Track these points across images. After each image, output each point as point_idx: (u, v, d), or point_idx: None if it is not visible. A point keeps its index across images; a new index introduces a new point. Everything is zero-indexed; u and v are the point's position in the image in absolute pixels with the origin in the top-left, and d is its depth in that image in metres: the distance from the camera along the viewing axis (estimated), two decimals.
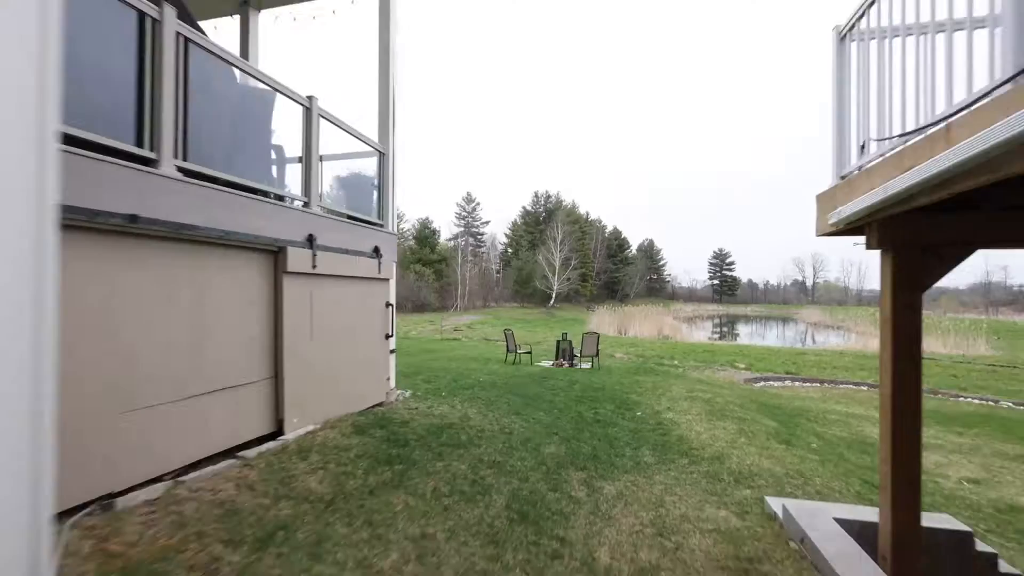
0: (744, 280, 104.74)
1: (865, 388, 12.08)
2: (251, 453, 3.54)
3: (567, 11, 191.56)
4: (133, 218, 2.76)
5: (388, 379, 5.84)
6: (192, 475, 3.11)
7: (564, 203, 72.83)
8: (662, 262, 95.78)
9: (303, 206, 4.48)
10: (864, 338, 30.83)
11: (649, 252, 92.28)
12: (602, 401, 7.72)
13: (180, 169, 3.19)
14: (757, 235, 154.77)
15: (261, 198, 3.86)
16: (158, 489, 2.84)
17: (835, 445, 6.38)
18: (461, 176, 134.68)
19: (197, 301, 3.34)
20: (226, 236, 3.47)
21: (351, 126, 5.16)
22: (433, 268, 56.77)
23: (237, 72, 3.89)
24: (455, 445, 4.45)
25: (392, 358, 6.02)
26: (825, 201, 3.52)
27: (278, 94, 4.32)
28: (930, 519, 3.60)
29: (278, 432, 4.05)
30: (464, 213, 73.61)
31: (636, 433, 5.94)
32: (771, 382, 12.93)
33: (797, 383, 12.82)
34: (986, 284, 72.89)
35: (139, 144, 2.93)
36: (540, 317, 46.75)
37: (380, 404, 5.64)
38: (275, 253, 4.06)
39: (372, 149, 5.82)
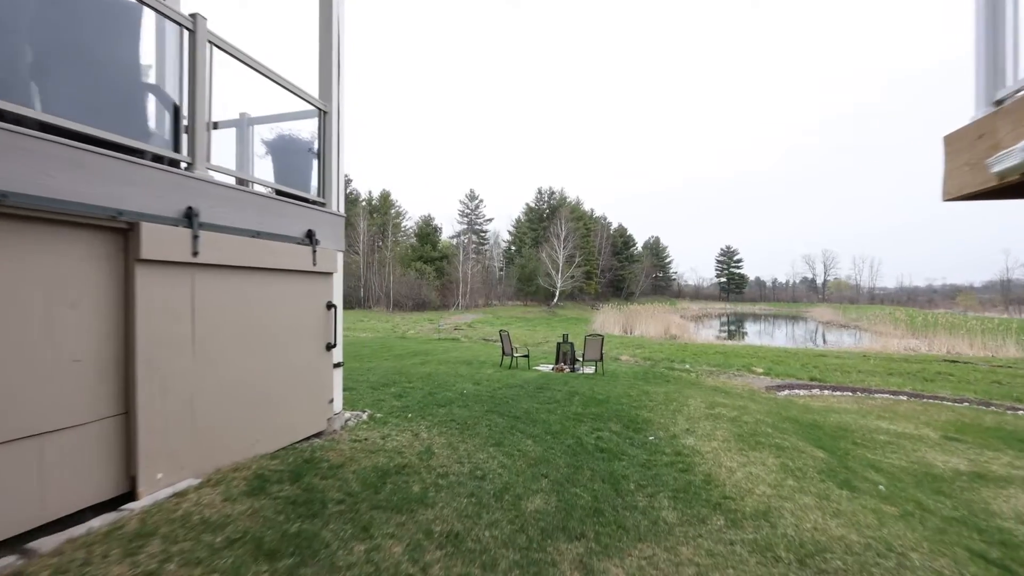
0: (751, 278, 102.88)
1: (904, 398, 10.68)
2: (49, 542, 2.25)
3: (570, 6, 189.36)
4: None
5: (331, 401, 4.54)
6: None
7: (568, 199, 71.44)
8: (668, 260, 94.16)
9: (185, 168, 3.18)
10: (883, 338, 29.35)
11: (655, 249, 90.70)
12: (606, 420, 6.41)
13: None
14: (763, 232, 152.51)
15: (94, 149, 2.56)
16: None
17: (903, 484, 5.03)
18: (465, 173, 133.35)
19: None
20: (2, 200, 2.18)
21: (267, 65, 3.85)
22: (434, 266, 55.58)
23: None
24: (397, 506, 3.14)
25: (338, 374, 4.72)
26: (967, 142, 2.18)
27: (146, 9, 3.02)
28: None
29: (129, 495, 2.76)
30: (467, 210, 72.42)
31: (649, 469, 4.62)
32: (796, 390, 11.56)
33: (826, 391, 11.44)
34: (1006, 282, 70.68)
35: None
36: (542, 316, 45.43)
37: (317, 435, 4.35)
38: (123, 232, 2.77)
39: (310, 106, 4.52)
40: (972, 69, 2.23)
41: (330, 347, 4.47)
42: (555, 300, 54.92)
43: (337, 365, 4.67)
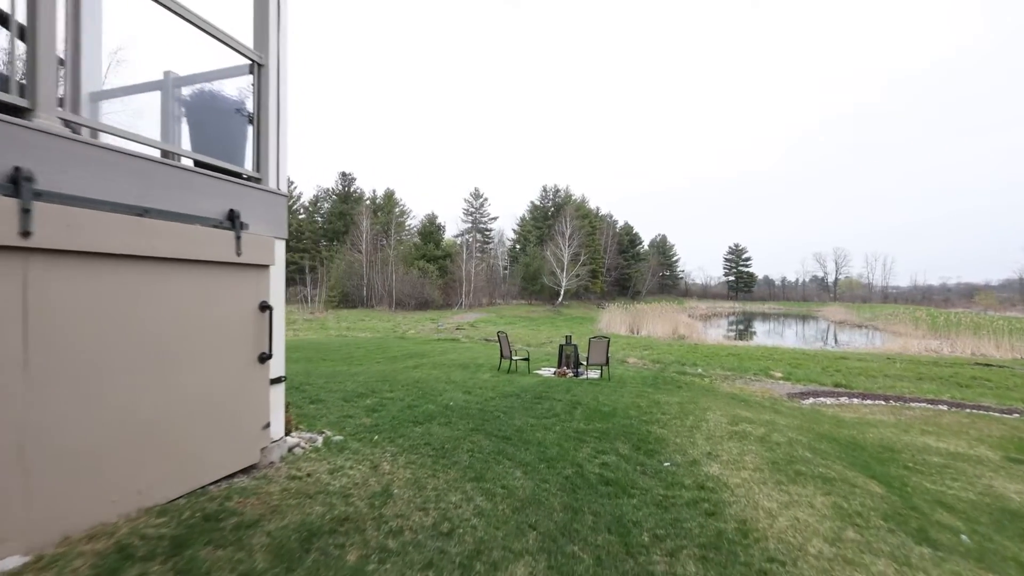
0: (760, 276, 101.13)
1: (945, 408, 9.64)
2: None
3: (573, 5, 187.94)
4: None
5: (266, 426, 3.62)
6: None
7: (573, 197, 70.32)
8: (675, 258, 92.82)
9: (18, 115, 2.26)
10: (902, 339, 28.10)
11: (661, 248, 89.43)
12: (612, 438, 5.47)
13: None
14: (770, 230, 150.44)
15: None
16: None
17: (983, 528, 4.04)
18: (469, 173, 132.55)
19: None
20: None
21: None
22: (438, 264, 54.71)
23: None
24: None
25: (277, 391, 3.80)
26: None
27: None
28: None
29: None
30: (472, 209, 71.53)
31: (667, 511, 3.67)
32: (821, 398, 10.54)
33: (855, 400, 10.41)
34: None
35: None
36: (547, 315, 44.47)
37: (246, 471, 3.43)
38: None
39: (246, 60, 3.60)
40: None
41: (265, 359, 3.54)
42: (560, 299, 53.89)
43: (276, 380, 3.75)
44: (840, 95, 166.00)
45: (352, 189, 64.44)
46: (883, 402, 10.25)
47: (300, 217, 61.73)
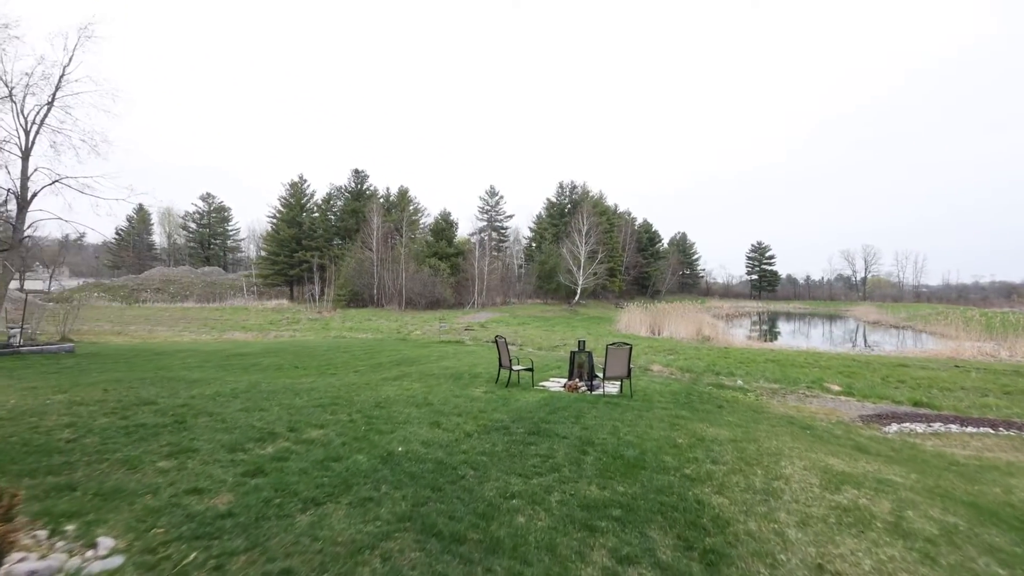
0: (783, 275, 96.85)
1: None
2: None
3: (586, 4, 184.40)
4: None
5: None
6: None
7: (591, 194, 67.66)
8: (695, 256, 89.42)
9: None
10: (950, 341, 25.20)
11: (681, 246, 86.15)
12: (642, 520, 3.32)
13: None
14: (790, 228, 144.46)
15: None
16: None
17: None
18: (485, 172, 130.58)
19: None
20: None
21: None
22: (450, 262, 52.68)
23: None
24: None
25: None
26: None
27: None
28: None
29: None
30: (487, 207, 69.47)
31: None
32: (907, 424, 8.14)
33: (952, 427, 7.98)
34: None
35: None
36: (562, 315, 42.12)
37: None
38: None
39: None
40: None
41: None
42: (576, 298, 51.44)
43: None
44: (847, 91, 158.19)
45: (365, 187, 62.79)
46: (991, 430, 7.82)
47: (314, 216, 60.47)
